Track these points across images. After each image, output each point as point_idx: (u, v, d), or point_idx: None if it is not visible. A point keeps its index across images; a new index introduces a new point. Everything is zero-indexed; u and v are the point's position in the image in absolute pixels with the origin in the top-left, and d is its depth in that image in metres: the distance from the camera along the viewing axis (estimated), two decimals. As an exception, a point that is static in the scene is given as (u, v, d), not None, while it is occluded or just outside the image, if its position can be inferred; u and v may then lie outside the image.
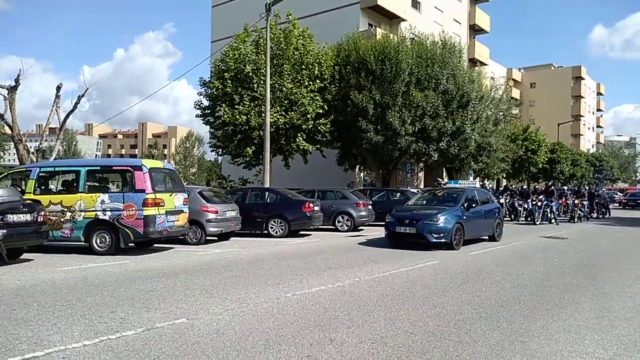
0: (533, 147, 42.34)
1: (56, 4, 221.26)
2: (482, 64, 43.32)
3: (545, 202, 21.39)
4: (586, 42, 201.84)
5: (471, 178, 29.40)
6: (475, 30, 44.50)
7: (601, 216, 27.35)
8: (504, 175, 41.01)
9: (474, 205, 13.01)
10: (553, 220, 21.27)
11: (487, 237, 13.86)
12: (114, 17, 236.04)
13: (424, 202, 14.09)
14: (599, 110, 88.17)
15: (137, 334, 4.81)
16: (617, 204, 41.44)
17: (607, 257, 11.37)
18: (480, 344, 4.68)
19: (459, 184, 16.38)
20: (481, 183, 27.07)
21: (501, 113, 31.75)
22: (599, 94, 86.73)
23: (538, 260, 10.43)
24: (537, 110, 70.65)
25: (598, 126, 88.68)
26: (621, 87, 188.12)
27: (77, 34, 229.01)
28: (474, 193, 13.90)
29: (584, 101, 77.28)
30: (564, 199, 24.11)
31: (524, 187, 28.27)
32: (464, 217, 12.23)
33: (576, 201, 23.46)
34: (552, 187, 22.71)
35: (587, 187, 30.76)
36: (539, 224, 20.65)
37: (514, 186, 31.19)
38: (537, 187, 28.52)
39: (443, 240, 11.50)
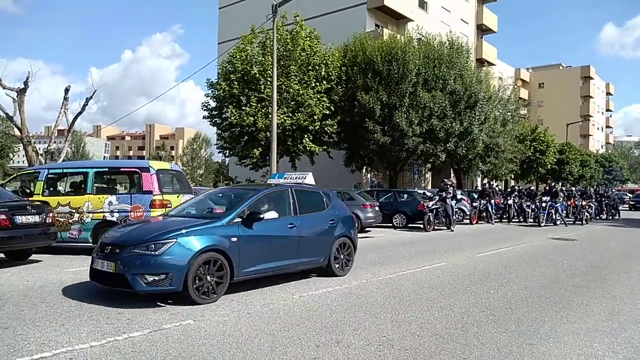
0: (541, 147, 42.12)
1: (64, 7, 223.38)
2: (490, 64, 43.17)
3: (550, 203, 20.90)
4: (596, 42, 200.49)
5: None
6: (482, 30, 44.36)
7: (610, 217, 27.12)
8: (512, 176, 40.81)
9: (260, 216, 6.91)
10: (559, 222, 20.93)
11: (322, 267, 8.13)
12: (122, 19, 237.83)
13: (198, 207, 8.02)
14: (608, 110, 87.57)
15: (144, 335, 4.82)
16: (626, 206, 41.01)
17: (616, 259, 11.26)
18: (488, 346, 4.65)
19: (285, 177, 8.80)
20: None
21: (509, 113, 31.63)
22: (608, 94, 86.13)
23: (546, 262, 10.35)
24: (546, 110, 70.31)
25: (607, 126, 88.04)
26: (632, 87, 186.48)
27: (85, 36, 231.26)
28: (284, 194, 7.83)
29: (593, 101, 76.78)
30: (572, 200, 23.89)
31: (532, 188, 28.07)
32: (234, 239, 6.61)
33: (583, 202, 23.04)
34: (556, 188, 22.25)
35: (594, 188, 30.54)
36: (544, 225, 20.21)
37: (521, 187, 31.02)
38: (546, 187, 28.22)
39: (166, 287, 5.97)
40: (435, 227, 18.23)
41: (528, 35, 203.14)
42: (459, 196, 20.68)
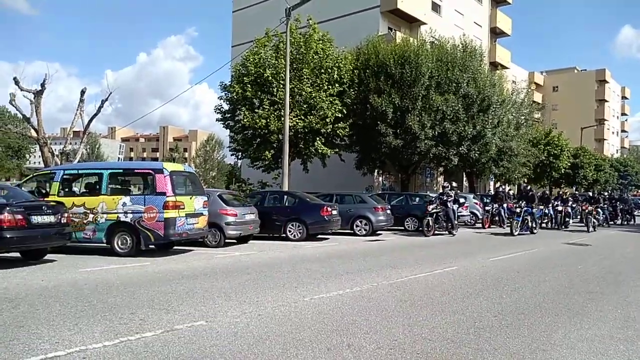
0: (555, 151, 41.64)
1: (81, 9, 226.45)
2: (504, 67, 42.84)
3: (525, 208, 18.56)
4: (613, 44, 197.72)
5: None
6: (496, 33, 44.04)
7: (625, 222, 26.75)
8: (525, 180, 40.42)
9: None
10: (535, 230, 18.88)
11: None
12: (136, 22, 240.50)
13: None
14: (623, 114, 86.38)
15: (156, 336, 4.85)
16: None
17: (631, 265, 11.10)
18: (500, 352, 4.61)
19: None
20: None
21: (523, 117, 31.36)
22: (623, 97, 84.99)
23: (560, 267, 10.24)
24: (560, 114, 69.48)
25: (623, 130, 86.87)
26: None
27: (101, 38, 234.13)
28: None
29: (608, 105, 75.81)
30: (586, 205, 23.52)
31: (546, 192, 27.66)
32: None
33: (589, 208, 21.54)
34: (532, 192, 20.44)
35: (608, 193, 29.94)
36: (518, 234, 17.60)
37: (534, 191, 30.62)
38: (560, 192, 27.50)
39: None
40: (436, 232, 17.62)
41: (542, 38, 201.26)
42: (461, 200, 19.91)
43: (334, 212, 15.57)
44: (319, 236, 15.91)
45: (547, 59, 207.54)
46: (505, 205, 21.97)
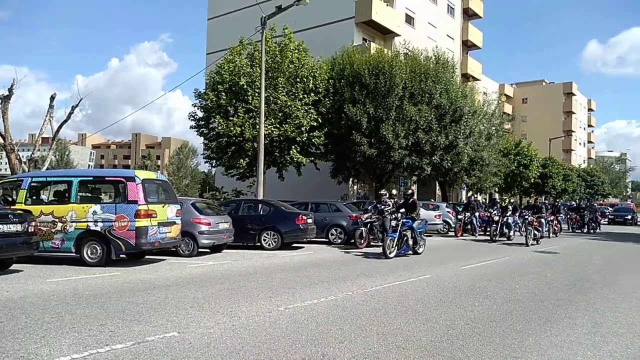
0: (525, 161, 42.64)
1: (52, 12, 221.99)
2: (475, 79, 43.74)
3: (403, 220, 13.46)
4: (580, 58, 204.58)
5: None
6: (468, 46, 45.00)
7: (592, 231, 27.49)
8: (496, 189, 41.23)
9: None
10: (420, 250, 13.95)
11: None
12: (110, 26, 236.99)
13: None
14: (590, 126, 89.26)
15: (126, 348, 4.75)
16: (604, 220, 40.56)
17: (598, 272, 11.41)
18: (473, 359, 4.66)
19: None
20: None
21: (493, 128, 32.02)
22: (589, 109, 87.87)
23: (530, 275, 10.45)
24: (529, 125, 71.40)
25: (589, 141, 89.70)
26: (613, 103, 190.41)
27: (71, 43, 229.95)
28: None
29: (575, 117, 78.22)
30: (555, 216, 23.78)
31: (513, 202, 28.11)
32: None
33: (530, 218, 18.46)
34: (414, 199, 14.46)
35: (575, 202, 30.51)
36: (393, 256, 12.79)
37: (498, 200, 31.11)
38: (499, 199, 25.95)
39: None
40: (372, 244, 15.99)
41: (513, 52, 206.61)
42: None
43: (309, 221, 15.55)
44: (294, 245, 15.86)
45: (516, 71, 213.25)
46: (477, 214, 22.35)
